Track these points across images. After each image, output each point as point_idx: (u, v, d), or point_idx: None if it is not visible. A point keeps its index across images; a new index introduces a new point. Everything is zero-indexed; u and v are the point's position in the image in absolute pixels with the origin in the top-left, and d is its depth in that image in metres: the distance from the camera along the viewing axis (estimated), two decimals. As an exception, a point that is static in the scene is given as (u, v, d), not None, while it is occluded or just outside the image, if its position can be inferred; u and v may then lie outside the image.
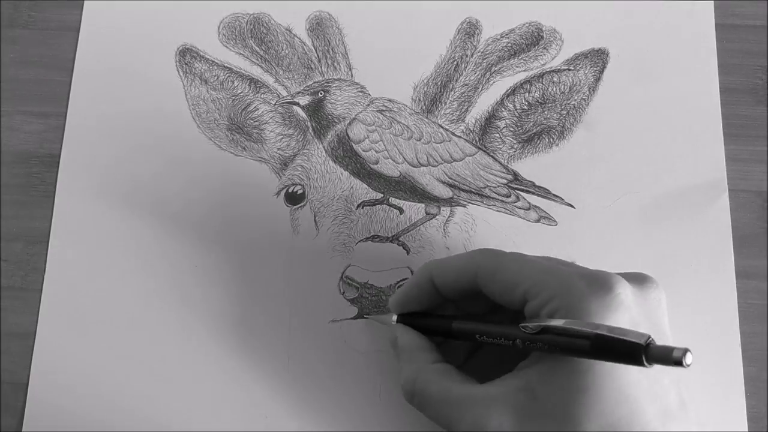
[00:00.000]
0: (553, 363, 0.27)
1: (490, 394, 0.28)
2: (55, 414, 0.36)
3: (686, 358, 0.23)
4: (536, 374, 0.27)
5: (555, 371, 0.27)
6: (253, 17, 0.42)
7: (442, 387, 0.30)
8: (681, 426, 0.27)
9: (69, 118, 0.40)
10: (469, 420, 0.28)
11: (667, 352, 0.23)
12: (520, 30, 0.41)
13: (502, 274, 0.29)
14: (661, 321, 0.29)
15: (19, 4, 0.43)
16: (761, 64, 0.41)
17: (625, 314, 0.27)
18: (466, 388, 0.29)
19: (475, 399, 0.28)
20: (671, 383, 0.27)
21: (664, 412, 0.26)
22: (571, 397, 0.26)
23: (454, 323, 0.31)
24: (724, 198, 0.38)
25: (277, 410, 0.36)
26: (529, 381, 0.27)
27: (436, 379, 0.30)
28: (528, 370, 0.28)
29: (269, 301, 0.37)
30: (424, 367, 0.31)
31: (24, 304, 0.38)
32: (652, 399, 0.26)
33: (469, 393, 0.29)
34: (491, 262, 0.30)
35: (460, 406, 0.29)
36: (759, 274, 0.37)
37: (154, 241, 0.38)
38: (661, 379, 0.27)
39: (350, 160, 0.39)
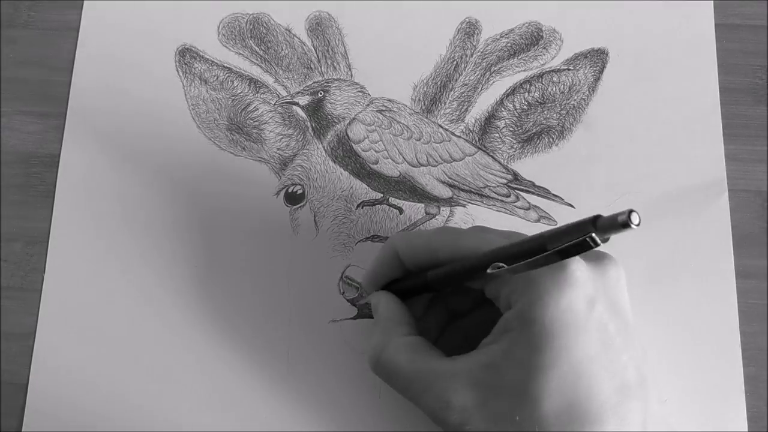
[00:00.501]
0: (515, 339, 0.27)
1: (456, 369, 0.28)
2: (55, 414, 0.36)
3: (632, 218, 0.23)
4: (498, 351, 0.28)
5: (516, 348, 0.27)
6: (252, 17, 0.42)
7: (409, 359, 0.30)
8: (639, 402, 0.27)
9: (69, 118, 0.40)
10: (434, 393, 0.28)
11: (613, 219, 0.24)
12: (519, 30, 0.41)
13: (460, 253, 0.30)
14: (619, 298, 0.28)
15: (19, 4, 0.43)
16: (761, 64, 0.41)
17: (579, 290, 0.27)
18: (433, 362, 0.29)
19: (441, 372, 0.29)
20: (630, 359, 0.27)
21: (622, 388, 0.27)
22: (530, 374, 0.26)
23: (429, 273, 0.31)
24: (724, 198, 0.38)
25: (277, 410, 0.36)
26: (492, 357, 0.28)
27: (405, 351, 0.30)
28: (492, 346, 0.28)
29: (269, 301, 0.37)
30: (395, 338, 0.31)
31: (24, 304, 0.38)
32: (610, 376, 0.26)
33: (435, 367, 0.29)
34: (450, 243, 0.30)
35: (425, 379, 0.29)
36: (759, 274, 0.37)
37: (153, 241, 0.38)
38: (619, 356, 0.27)
39: (350, 160, 0.39)
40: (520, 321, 0.27)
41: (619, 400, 0.26)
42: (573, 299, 0.26)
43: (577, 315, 0.26)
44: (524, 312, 0.27)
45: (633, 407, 0.27)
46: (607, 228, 0.24)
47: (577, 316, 0.26)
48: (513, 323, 0.28)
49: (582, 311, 0.26)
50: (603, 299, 0.27)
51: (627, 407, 0.26)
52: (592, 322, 0.27)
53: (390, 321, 0.32)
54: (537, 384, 0.26)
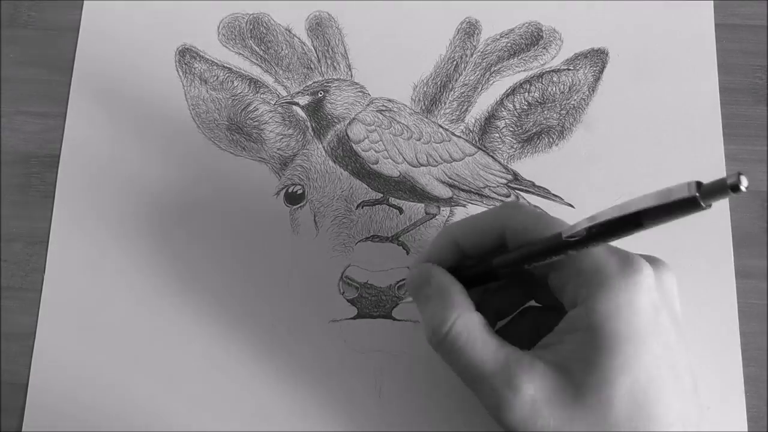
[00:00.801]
0: (584, 341, 0.27)
1: (527, 360, 0.28)
2: (55, 414, 0.36)
3: (741, 180, 0.22)
4: (567, 352, 0.27)
5: (586, 351, 0.27)
6: (252, 17, 0.42)
7: (483, 337, 0.28)
8: (696, 408, 0.27)
9: (69, 118, 0.40)
10: (502, 379, 0.27)
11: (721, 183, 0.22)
12: (519, 30, 0.41)
13: (532, 232, 0.29)
14: (675, 305, 0.29)
15: (19, 4, 0.43)
16: (761, 64, 0.41)
17: (649, 296, 0.27)
18: (505, 347, 0.28)
19: (512, 359, 0.28)
20: (686, 366, 0.28)
21: (683, 393, 0.27)
22: (604, 378, 0.26)
23: (495, 259, 0.30)
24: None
25: (277, 410, 0.36)
26: (562, 358, 0.27)
27: (477, 328, 0.28)
28: (558, 347, 0.28)
29: (269, 301, 0.37)
30: (465, 312, 0.29)
31: (24, 304, 0.38)
32: (673, 380, 0.27)
33: (507, 352, 0.28)
34: (519, 221, 0.29)
35: (495, 362, 0.28)
36: (759, 274, 0.37)
37: (153, 241, 0.38)
38: (678, 362, 0.27)
39: (350, 160, 0.39)
40: (589, 321, 0.27)
41: (682, 404, 0.27)
42: (644, 303, 0.27)
43: (647, 319, 0.26)
44: (594, 312, 0.27)
45: (692, 412, 0.27)
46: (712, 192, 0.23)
47: (647, 320, 0.26)
48: (580, 322, 0.27)
49: (651, 316, 0.27)
50: (665, 306, 0.27)
51: (687, 410, 0.27)
52: (659, 327, 0.27)
53: (453, 293, 0.29)
54: (610, 387, 0.26)
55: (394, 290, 0.37)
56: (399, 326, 0.37)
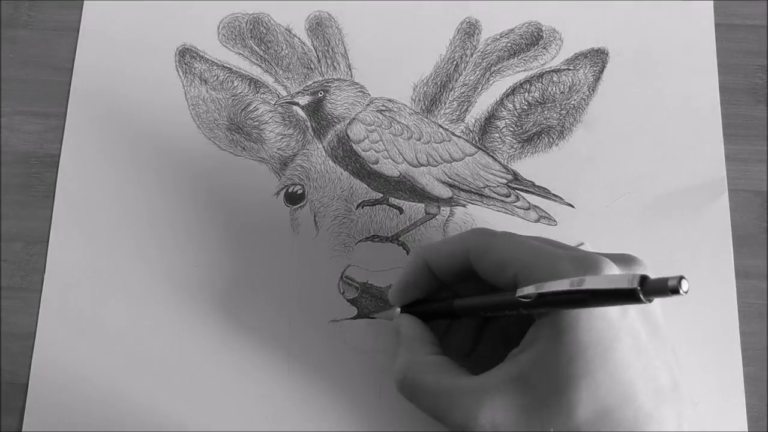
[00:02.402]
0: (546, 349, 0.27)
1: (483, 385, 0.28)
2: (55, 414, 0.36)
3: (682, 285, 0.23)
4: (528, 362, 0.27)
5: (548, 358, 0.27)
6: (252, 17, 0.42)
7: (434, 378, 0.29)
8: (673, 407, 0.27)
9: (69, 118, 0.40)
10: (461, 411, 0.28)
11: (663, 283, 0.23)
12: (519, 30, 0.41)
13: (492, 255, 0.29)
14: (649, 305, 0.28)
15: (19, 4, 0.43)
16: (761, 64, 0.41)
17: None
18: (459, 380, 0.29)
19: (467, 390, 0.28)
20: (663, 364, 0.27)
21: (657, 394, 0.26)
22: (564, 384, 0.26)
23: (455, 301, 0.31)
24: (723, 198, 0.38)
25: (277, 410, 0.36)
26: (521, 369, 0.27)
27: (429, 370, 0.30)
28: (520, 357, 0.28)
29: (269, 301, 0.37)
30: (419, 357, 0.31)
31: (24, 304, 0.38)
32: (644, 381, 0.26)
33: (461, 384, 0.29)
34: (482, 243, 0.30)
35: (452, 397, 0.28)
36: (759, 274, 0.37)
37: (153, 241, 0.38)
38: (651, 361, 0.27)
39: (350, 160, 0.39)
40: (551, 329, 0.27)
41: (654, 405, 0.26)
42: (607, 308, 0.26)
43: (610, 322, 0.26)
44: (556, 320, 0.27)
45: (667, 412, 0.27)
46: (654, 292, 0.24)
47: (611, 323, 0.26)
48: (543, 332, 0.27)
49: (615, 318, 0.26)
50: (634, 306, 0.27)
51: (662, 412, 0.26)
52: (624, 329, 0.26)
53: (414, 341, 0.31)
54: (571, 393, 0.26)
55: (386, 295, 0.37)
56: (399, 326, 0.37)
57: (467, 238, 0.31)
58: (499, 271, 0.29)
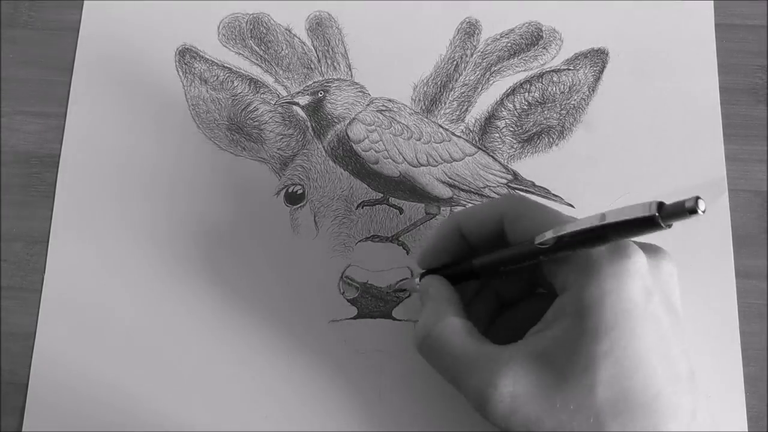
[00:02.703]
0: (571, 327, 0.27)
1: (507, 354, 0.28)
2: (55, 414, 0.36)
3: (699, 204, 0.23)
4: (552, 338, 0.27)
5: (571, 336, 0.27)
6: (252, 17, 0.42)
7: (459, 339, 0.29)
8: (690, 395, 0.27)
9: (69, 118, 0.40)
10: (481, 376, 0.28)
11: (680, 205, 0.23)
12: (519, 30, 0.41)
13: (525, 221, 0.29)
14: (672, 292, 0.28)
15: (19, 4, 0.43)
16: (761, 64, 0.41)
17: (639, 281, 0.27)
18: (483, 346, 0.29)
19: (491, 356, 0.28)
20: (681, 353, 0.27)
21: (675, 381, 0.27)
22: (587, 363, 0.26)
23: (474, 260, 0.31)
24: (724, 198, 0.38)
25: (277, 410, 0.36)
26: (545, 345, 0.27)
27: (455, 331, 0.30)
28: (542, 335, 0.28)
29: (269, 301, 0.37)
30: (445, 318, 0.30)
31: (24, 304, 0.38)
32: (663, 368, 0.26)
33: (486, 350, 0.28)
34: (516, 208, 0.30)
35: (475, 361, 0.28)
36: (759, 274, 0.37)
37: (153, 241, 0.38)
38: (671, 349, 0.27)
39: (350, 160, 0.39)
40: (576, 307, 0.27)
41: (673, 392, 0.26)
42: (633, 289, 0.26)
43: (636, 305, 0.26)
44: (582, 298, 0.27)
45: (684, 399, 0.27)
46: (672, 215, 0.24)
47: (636, 306, 0.26)
48: (568, 308, 0.27)
49: (641, 302, 0.26)
50: (659, 292, 0.27)
51: (679, 399, 0.27)
52: (648, 314, 0.26)
53: (442, 301, 0.31)
54: (594, 373, 0.26)
55: (394, 290, 0.37)
56: (399, 326, 0.37)
57: (502, 204, 0.31)
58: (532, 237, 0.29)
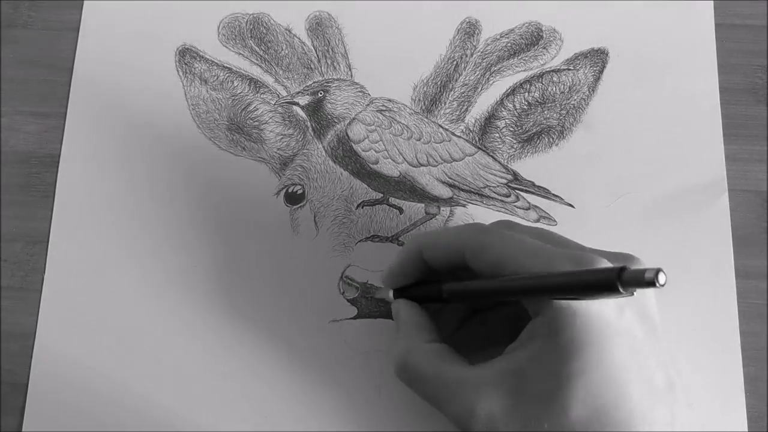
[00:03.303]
0: (543, 347, 0.27)
1: (481, 376, 0.28)
2: (55, 414, 0.36)
3: (659, 277, 0.23)
4: (525, 358, 0.27)
5: (544, 356, 0.27)
6: (252, 17, 0.42)
7: (434, 366, 0.30)
8: (668, 407, 0.27)
9: (69, 118, 0.40)
10: (459, 402, 0.28)
11: (640, 274, 0.23)
12: (519, 30, 0.41)
13: (487, 254, 0.29)
14: (647, 301, 0.28)
15: (19, 4, 0.43)
16: (761, 64, 0.41)
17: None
18: (458, 370, 0.29)
19: (466, 381, 0.28)
20: (658, 364, 0.27)
21: (651, 394, 0.27)
22: (559, 382, 0.26)
23: (444, 286, 0.31)
24: (724, 198, 0.38)
25: (277, 410, 0.36)
26: (519, 365, 0.28)
27: (429, 358, 0.30)
28: (518, 353, 0.28)
29: (269, 301, 0.37)
30: (419, 344, 0.31)
31: (24, 304, 0.38)
32: (639, 382, 0.26)
33: (460, 375, 0.29)
34: (477, 241, 0.30)
35: (450, 387, 0.29)
36: (759, 274, 0.37)
37: (153, 241, 0.38)
38: (647, 361, 0.27)
39: (350, 160, 0.39)
40: (548, 328, 0.27)
41: (648, 406, 0.26)
42: (603, 306, 0.26)
43: (607, 322, 0.26)
44: (553, 319, 0.27)
45: (661, 412, 0.27)
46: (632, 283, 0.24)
47: (607, 323, 0.26)
48: (541, 330, 0.27)
49: (612, 318, 0.26)
50: (632, 304, 0.27)
51: (656, 413, 0.26)
52: (621, 329, 0.26)
53: (413, 327, 0.32)
54: (566, 392, 0.26)
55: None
56: (399, 326, 0.37)
57: (463, 235, 0.31)
58: (495, 270, 0.29)
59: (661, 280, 0.23)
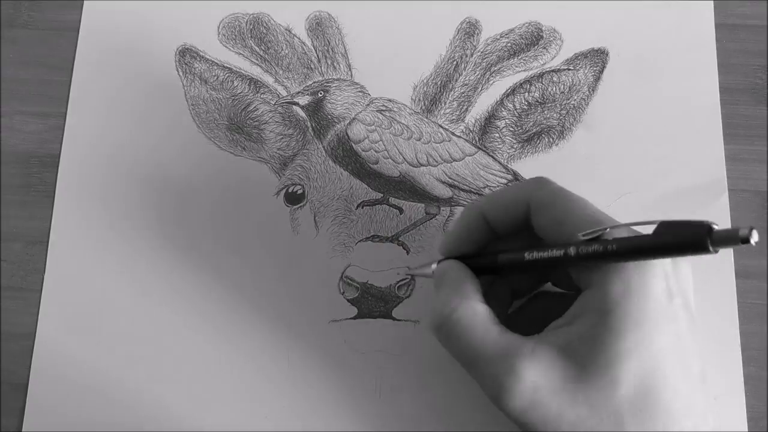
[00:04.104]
0: (594, 323, 0.27)
1: (530, 345, 0.28)
2: (55, 414, 0.36)
3: (753, 235, 0.23)
4: (575, 335, 0.27)
5: (595, 333, 0.27)
6: (252, 17, 0.42)
7: (481, 326, 0.28)
8: (703, 396, 0.27)
9: (69, 118, 0.40)
10: (502, 366, 0.27)
11: (733, 232, 0.23)
12: (519, 30, 0.41)
13: (553, 210, 0.29)
14: (689, 294, 0.28)
15: (19, 4, 0.43)
16: (761, 64, 0.41)
17: (662, 281, 0.27)
18: (506, 335, 0.28)
19: (514, 346, 0.28)
20: (695, 355, 0.28)
21: (690, 381, 0.27)
22: (611, 360, 0.26)
23: (500, 255, 0.30)
24: (724, 198, 0.38)
25: (277, 410, 0.36)
26: (569, 341, 0.27)
27: (477, 317, 0.29)
28: (566, 329, 0.28)
29: (269, 301, 0.37)
30: (470, 302, 0.29)
31: (24, 304, 0.38)
32: (681, 367, 0.27)
33: (509, 340, 0.28)
34: (544, 196, 0.30)
35: (495, 350, 0.28)
36: (759, 274, 0.37)
37: (153, 241, 0.38)
38: (688, 350, 0.27)
39: (350, 160, 0.39)
40: (601, 304, 0.27)
41: (688, 392, 0.27)
42: (657, 289, 0.27)
43: (659, 305, 0.27)
44: (607, 295, 0.27)
45: (698, 400, 0.27)
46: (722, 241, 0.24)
47: (660, 306, 0.27)
48: (592, 305, 0.27)
49: (664, 302, 0.27)
50: (679, 293, 0.27)
51: (694, 399, 0.27)
52: (670, 314, 0.27)
53: (463, 285, 0.30)
54: (617, 370, 0.26)
55: (394, 290, 0.37)
56: (399, 326, 0.37)
57: (529, 189, 0.30)
58: (558, 227, 0.29)
59: (755, 237, 0.23)
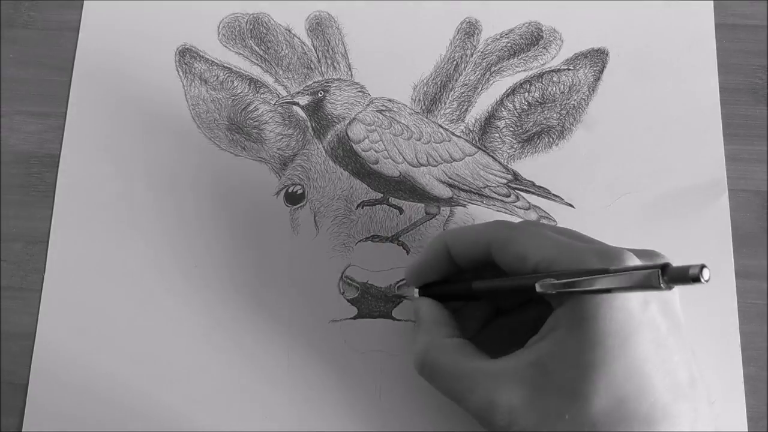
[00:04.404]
0: (566, 336, 0.27)
1: (501, 368, 0.28)
2: (55, 414, 0.36)
3: (703, 273, 0.23)
4: (547, 349, 0.27)
5: (566, 346, 0.27)
6: (252, 17, 0.42)
7: (454, 360, 0.30)
8: (690, 403, 0.27)
9: (69, 118, 0.40)
10: (479, 394, 0.28)
11: (684, 271, 0.23)
12: (519, 30, 0.41)
13: (513, 246, 0.29)
14: (671, 298, 0.28)
15: (19, 4, 0.43)
16: (761, 64, 0.41)
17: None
18: (478, 363, 0.29)
19: (486, 373, 0.28)
20: (681, 360, 0.27)
21: (673, 389, 0.26)
22: (581, 373, 0.26)
23: (474, 283, 0.32)
24: (724, 198, 0.38)
25: (277, 410, 0.36)
26: (540, 356, 0.27)
27: (449, 352, 0.30)
28: (539, 344, 0.28)
29: (269, 301, 0.37)
30: (439, 339, 0.31)
31: (24, 304, 0.38)
32: (661, 376, 0.26)
33: (480, 367, 0.29)
34: (503, 234, 0.30)
35: (471, 380, 0.29)
36: (759, 274, 0.37)
37: (153, 241, 0.38)
38: (670, 356, 0.27)
39: (350, 160, 0.39)
40: (571, 318, 0.27)
41: (670, 401, 0.26)
42: (627, 298, 0.26)
43: (630, 314, 0.26)
44: (576, 309, 0.27)
45: (683, 408, 0.27)
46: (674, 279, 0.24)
47: (631, 315, 0.26)
48: (563, 320, 0.27)
49: (636, 310, 0.26)
50: (656, 299, 0.27)
51: (677, 408, 0.26)
52: (645, 322, 0.26)
53: (433, 323, 0.32)
54: (588, 382, 0.26)
55: (394, 290, 0.37)
56: (399, 326, 0.37)
57: (489, 230, 0.31)
58: (520, 264, 0.29)
59: (706, 276, 0.23)
